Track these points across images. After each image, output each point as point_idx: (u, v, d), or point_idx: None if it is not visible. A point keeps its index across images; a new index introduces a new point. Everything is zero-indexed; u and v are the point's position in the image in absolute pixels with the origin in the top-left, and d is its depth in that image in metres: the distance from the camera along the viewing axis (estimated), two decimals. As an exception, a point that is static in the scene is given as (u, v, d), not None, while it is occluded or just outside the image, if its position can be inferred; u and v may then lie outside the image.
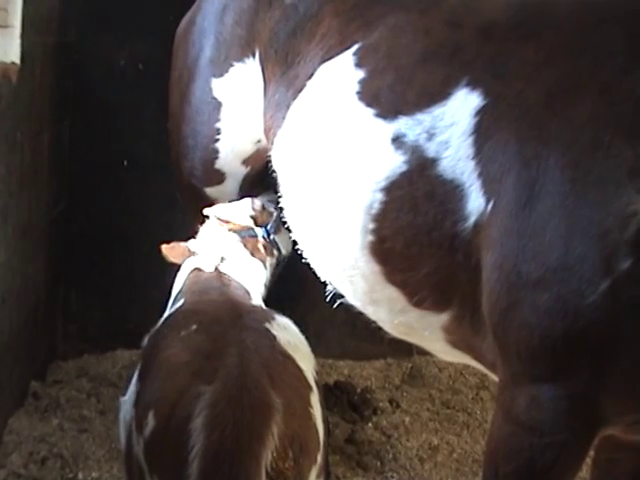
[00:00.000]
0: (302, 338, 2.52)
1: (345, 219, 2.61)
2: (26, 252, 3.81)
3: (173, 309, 2.79)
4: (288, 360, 2.32)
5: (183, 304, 2.76)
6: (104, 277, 4.63)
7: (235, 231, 3.08)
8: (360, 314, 4.32)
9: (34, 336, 4.09)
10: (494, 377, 2.55)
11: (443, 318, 2.54)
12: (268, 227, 3.19)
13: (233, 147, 3.32)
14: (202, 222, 3.31)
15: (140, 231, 4.47)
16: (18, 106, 3.53)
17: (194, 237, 3.29)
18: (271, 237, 3.18)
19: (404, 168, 2.47)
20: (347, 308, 4.46)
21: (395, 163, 2.48)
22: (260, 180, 3.45)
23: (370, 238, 2.56)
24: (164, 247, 3.10)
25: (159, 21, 4.20)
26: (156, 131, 4.16)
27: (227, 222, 3.08)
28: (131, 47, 4.41)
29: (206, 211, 3.16)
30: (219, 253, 2.98)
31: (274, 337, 2.37)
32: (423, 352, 5.02)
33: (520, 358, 2.25)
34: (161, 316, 3.74)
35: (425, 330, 2.62)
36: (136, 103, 4.37)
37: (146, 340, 2.58)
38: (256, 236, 3.14)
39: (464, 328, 2.52)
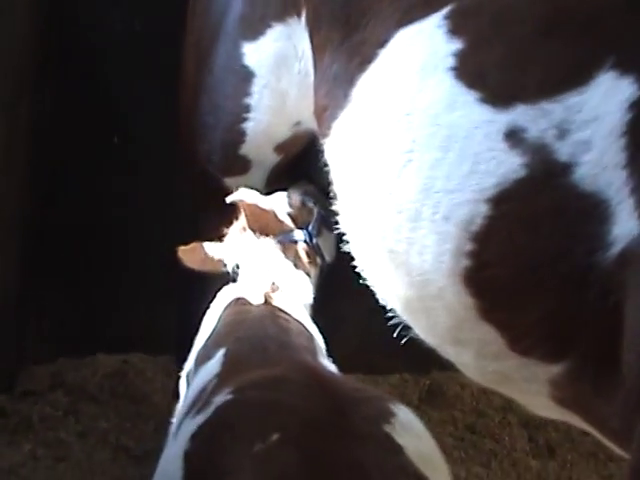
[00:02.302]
0: (431, 440, 1.76)
1: (431, 236, 2.00)
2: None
3: (211, 367, 2.03)
4: None
5: (225, 357, 2.02)
6: (84, 272, 3.98)
7: (272, 235, 2.43)
8: (373, 324, 3.73)
9: (2, 338, 3.52)
10: (618, 450, 1.99)
11: (554, 370, 1.95)
12: (310, 228, 2.55)
13: (265, 129, 2.69)
14: (222, 219, 2.70)
15: (130, 221, 3.81)
16: (-8, 67, 2.89)
17: (208, 236, 2.66)
18: (314, 241, 2.53)
19: (522, 173, 1.86)
20: (358, 319, 3.87)
21: (509, 166, 1.87)
22: (291, 171, 2.83)
23: (465, 263, 1.95)
24: (181, 249, 2.47)
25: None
26: (156, 104, 3.53)
27: (264, 212, 2.42)
28: (129, 3, 3.70)
29: (232, 197, 2.50)
30: (266, 276, 2.30)
31: (401, 449, 1.60)
32: (443, 367, 4.56)
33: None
34: (164, 334, 3.15)
35: (526, 382, 2.04)
36: (132, 70, 3.66)
37: (190, 443, 1.72)
38: (296, 241, 2.50)
39: (581, 385, 1.94)
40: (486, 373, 2.12)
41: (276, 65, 2.60)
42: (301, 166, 2.80)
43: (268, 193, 2.73)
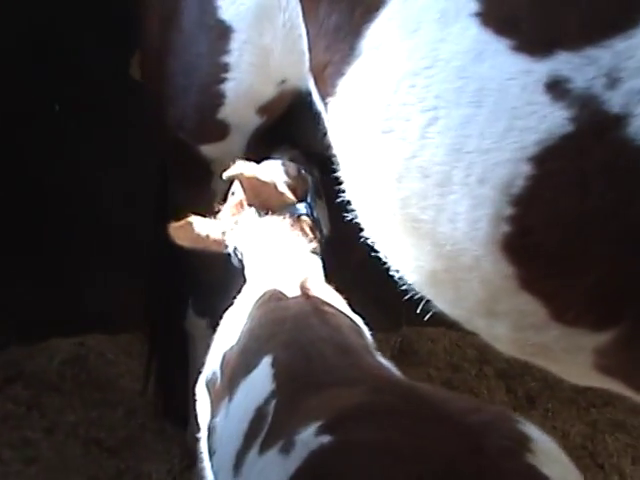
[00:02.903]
0: (569, 462, 1.49)
1: (465, 201, 1.80)
2: None
3: (259, 381, 1.73)
4: None
5: (275, 369, 1.74)
6: (31, 252, 3.69)
7: (273, 210, 2.17)
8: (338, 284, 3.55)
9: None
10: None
11: (601, 338, 1.81)
12: (308, 199, 2.30)
13: (247, 90, 2.43)
14: (195, 192, 2.46)
15: (80, 196, 3.53)
16: None
17: (180, 212, 2.40)
18: (314, 214, 2.29)
19: (569, 128, 1.67)
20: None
21: (553, 120, 1.68)
22: (272, 134, 2.59)
23: (505, 229, 1.77)
24: (172, 225, 2.21)
25: None
26: (102, 63, 3.23)
27: (264, 185, 2.16)
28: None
29: (230, 172, 2.20)
30: (295, 262, 2.03)
31: None
32: (412, 323, 4.42)
33: None
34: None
35: (568, 353, 1.89)
36: (76, 24, 3.32)
37: None
38: (299, 214, 2.24)
39: (630, 351, 1.81)
40: (523, 345, 1.96)
41: (257, 18, 2.33)
42: (281, 128, 2.56)
43: (249, 160, 2.47)
